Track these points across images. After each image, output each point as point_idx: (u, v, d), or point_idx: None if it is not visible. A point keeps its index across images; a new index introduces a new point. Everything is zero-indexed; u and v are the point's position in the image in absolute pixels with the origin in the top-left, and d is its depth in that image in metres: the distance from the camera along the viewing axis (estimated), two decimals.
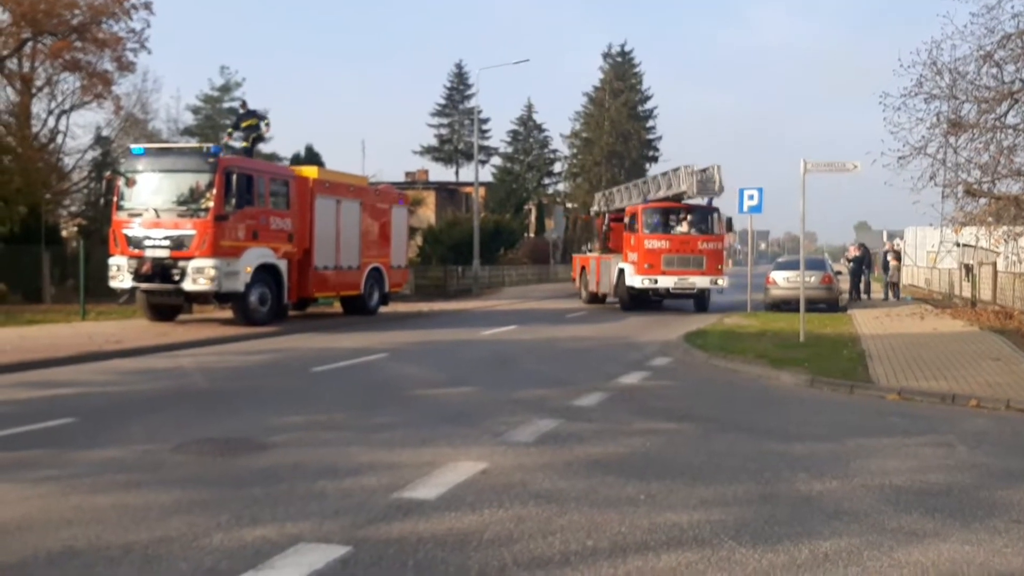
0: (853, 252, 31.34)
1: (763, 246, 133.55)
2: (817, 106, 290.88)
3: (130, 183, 18.02)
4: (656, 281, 24.90)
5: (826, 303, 24.89)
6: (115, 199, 18.56)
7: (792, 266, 25.11)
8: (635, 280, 25.09)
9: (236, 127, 21.27)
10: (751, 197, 24.12)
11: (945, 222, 20.55)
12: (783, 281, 25.15)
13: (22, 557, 4.60)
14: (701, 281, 25.14)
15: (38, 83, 36.34)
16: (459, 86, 64.31)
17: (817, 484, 6.26)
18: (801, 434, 8.21)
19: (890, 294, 30.89)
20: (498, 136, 68.20)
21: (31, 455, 6.96)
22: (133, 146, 20.35)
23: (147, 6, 32.45)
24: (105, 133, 39.29)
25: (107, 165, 37.77)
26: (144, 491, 5.91)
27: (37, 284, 27.19)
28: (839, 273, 29.21)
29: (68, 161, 38.00)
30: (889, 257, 31.10)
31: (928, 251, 42.97)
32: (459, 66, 64.67)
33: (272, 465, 6.58)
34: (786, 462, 6.94)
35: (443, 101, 63.24)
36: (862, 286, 30.46)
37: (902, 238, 50.25)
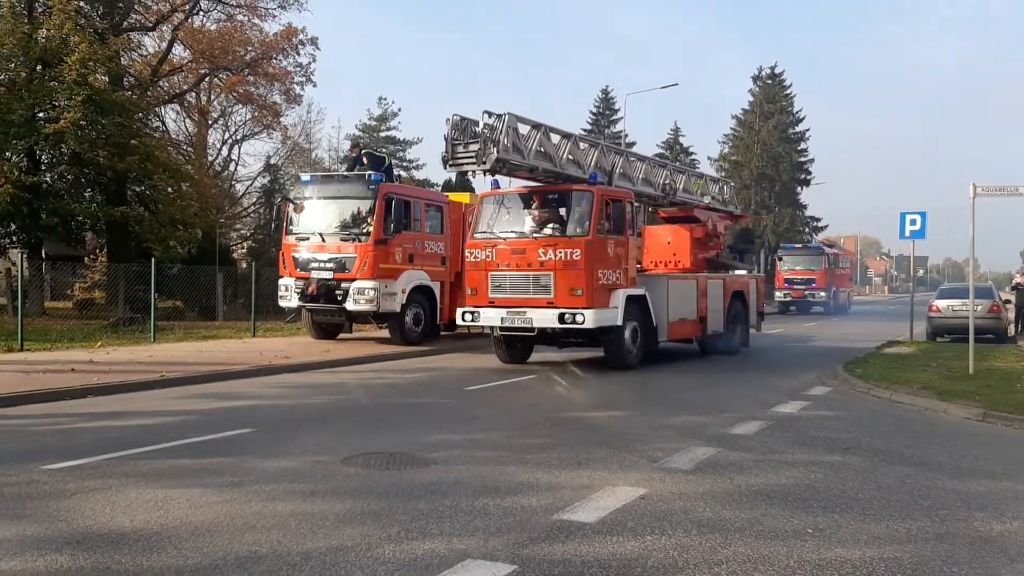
0: (1020, 278, 28.72)
1: (920, 272, 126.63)
2: (972, 128, 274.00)
3: (298, 209, 19.06)
4: (475, 316, 15.35)
5: (993, 333, 23.27)
6: (284, 224, 19.69)
7: (957, 294, 23.67)
8: (461, 314, 15.83)
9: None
10: (913, 222, 22.84)
11: None
12: (948, 309, 23.73)
13: (213, 559, 4.93)
14: (542, 316, 14.56)
15: (214, 115, 39.04)
16: (605, 111, 64.35)
17: (997, 524, 5.91)
18: (975, 470, 7.75)
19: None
20: None
21: (215, 463, 7.46)
22: (301, 174, 21.52)
23: (313, 42, 34.30)
24: (273, 161, 41.56)
25: (275, 191, 40.00)
26: (318, 500, 6.23)
27: (211, 302, 29.00)
28: (1008, 302, 26.79)
29: (239, 187, 40.49)
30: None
31: None
32: (605, 91, 64.77)
33: (435, 480, 6.79)
34: (961, 499, 6.58)
35: (589, 126, 63.41)
36: None
37: None
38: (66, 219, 27.65)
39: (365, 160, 20.08)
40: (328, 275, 18.21)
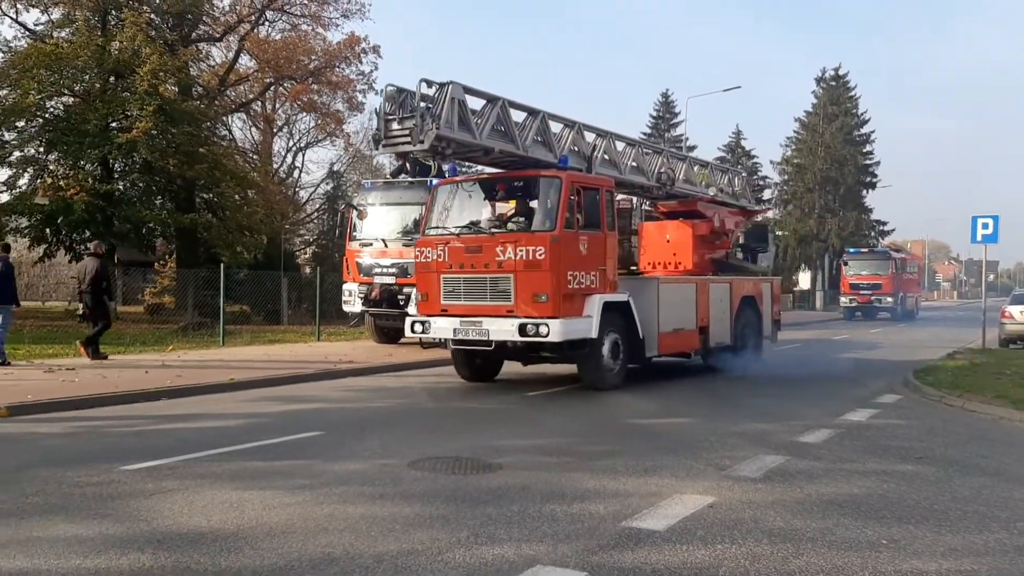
0: None
1: (991, 277, 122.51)
2: None
3: (361, 215, 19.34)
4: (426, 326, 13.02)
5: None
6: (348, 230, 20.02)
7: None
8: (410, 324, 13.36)
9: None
10: (985, 226, 22.18)
11: None
12: (1021, 315, 23.03)
13: (288, 560, 5.04)
14: (500, 327, 12.19)
15: (279, 123, 39.84)
16: (665, 115, 63.93)
17: None
18: None
19: None
20: None
21: (285, 465, 7.61)
22: (364, 180, 21.83)
23: (376, 50, 34.81)
24: (336, 168, 42.24)
25: (337, 197, 40.63)
26: (387, 504, 6.31)
27: (276, 306, 29.56)
28: None
29: (303, 194, 41.21)
30: None
31: None
32: (665, 95, 64.32)
33: (502, 485, 6.83)
34: None
35: (648, 130, 63.05)
36: None
37: None
38: (138, 226, 28.50)
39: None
40: (391, 280, 18.46)
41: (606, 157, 15.16)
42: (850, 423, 10.43)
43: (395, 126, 12.02)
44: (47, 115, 29.65)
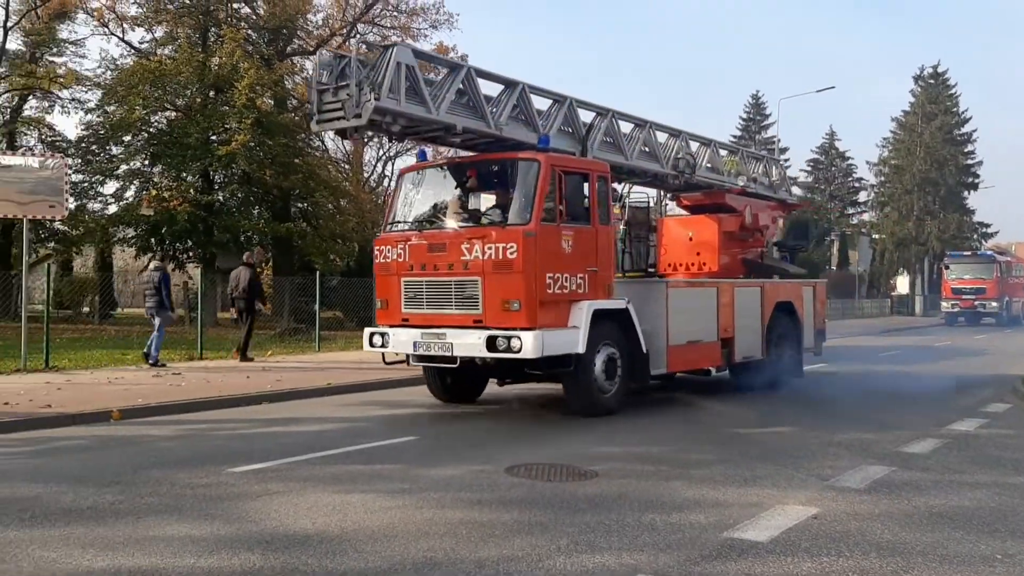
0: None
1: None
2: None
3: None
4: (385, 338, 11.27)
5: None
6: None
7: None
8: (368, 337, 11.63)
9: None
10: None
11: None
12: None
13: (392, 563, 5.13)
14: (465, 341, 10.37)
15: (368, 132, 40.54)
16: (756, 116, 62.88)
17: None
18: None
19: None
20: (797, 166, 65.81)
21: (384, 469, 7.76)
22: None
23: (463, 59, 35.08)
24: None
25: None
26: (486, 509, 6.37)
27: (369, 312, 29.96)
28: None
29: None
30: None
31: None
32: (755, 96, 63.28)
33: (599, 493, 6.81)
34: None
35: (739, 132, 62.05)
36: None
37: None
38: (236, 235, 29.45)
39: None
40: None
41: (607, 140, 12.99)
42: (957, 433, 10.04)
43: (329, 98, 10.20)
44: (151, 129, 30.98)
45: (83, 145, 32.89)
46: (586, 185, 10.94)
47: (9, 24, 33.04)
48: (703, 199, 15.55)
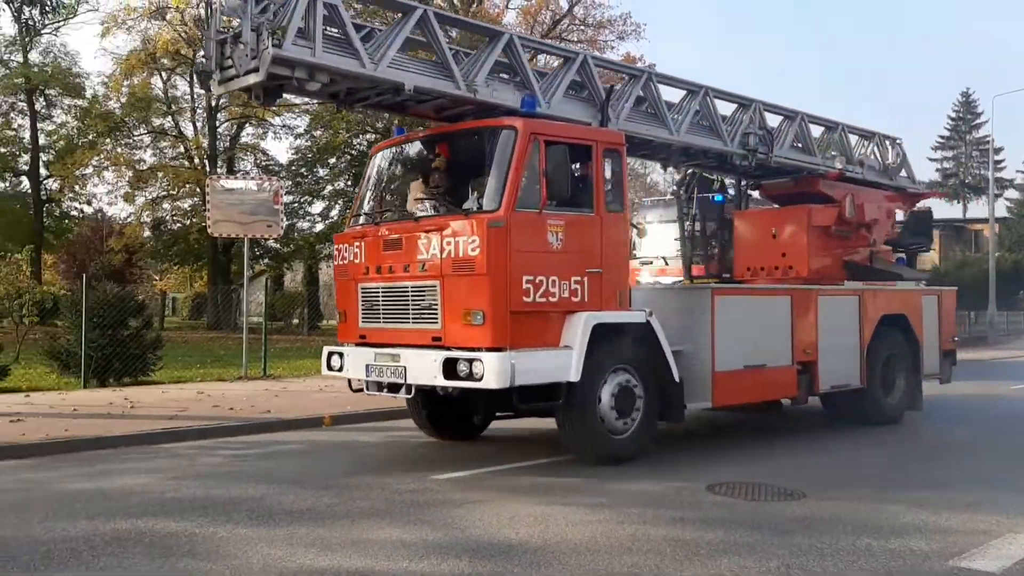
0: None
1: None
2: None
3: (641, 233, 19.38)
4: (342, 359, 9.12)
5: None
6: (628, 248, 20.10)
7: None
8: (326, 357, 9.46)
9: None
10: None
11: None
12: None
13: None
14: (420, 364, 8.12)
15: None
16: (966, 115, 58.74)
17: None
18: None
19: None
20: (1013, 167, 60.81)
21: (583, 482, 7.77)
22: (644, 199, 21.94)
23: (650, 67, 34.89)
24: None
25: None
26: (688, 527, 6.23)
27: None
28: None
29: None
30: None
31: None
32: (966, 94, 59.12)
33: (808, 515, 6.52)
34: None
35: (947, 132, 58.14)
36: None
37: None
38: None
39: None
40: None
41: (642, 106, 10.26)
42: None
43: (227, 51, 8.00)
44: (354, 151, 32.75)
45: (293, 168, 35.26)
46: (586, 159, 8.53)
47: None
48: (792, 187, 12.60)
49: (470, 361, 7.65)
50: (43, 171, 39.62)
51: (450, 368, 7.76)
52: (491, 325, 7.70)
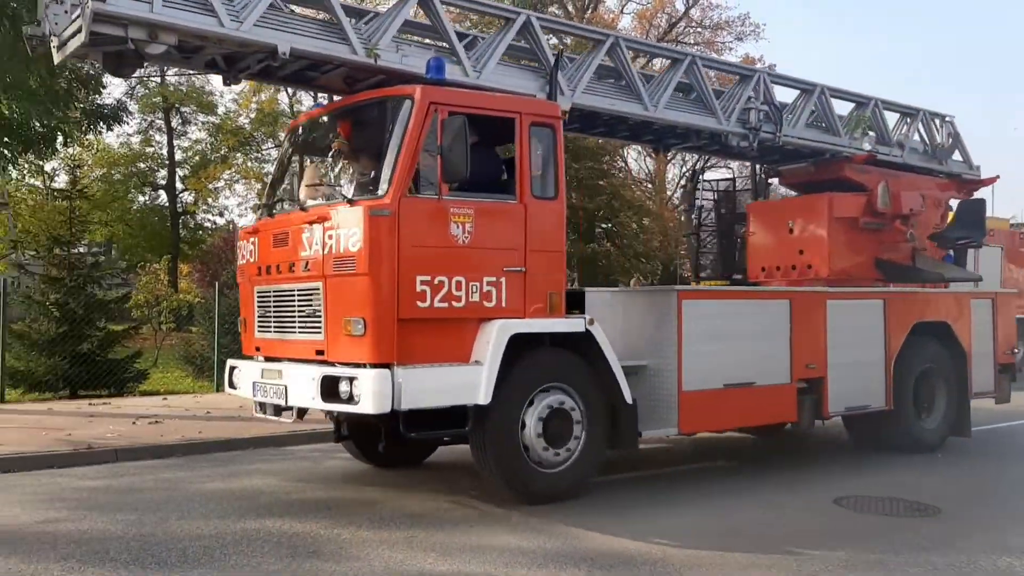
0: None
1: None
2: None
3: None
4: (235, 375, 7.98)
5: None
6: None
7: None
8: (228, 372, 8.29)
9: None
10: None
11: None
12: None
13: None
14: (300, 382, 6.87)
15: (671, 153, 40.62)
16: None
17: None
18: None
19: None
20: None
21: (697, 495, 7.63)
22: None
23: (771, 69, 34.14)
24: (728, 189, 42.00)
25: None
26: (816, 540, 6.01)
27: None
28: None
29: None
30: None
31: None
32: None
33: (943, 532, 6.24)
34: None
35: None
36: None
37: None
38: None
39: None
40: None
41: (618, 82, 8.74)
42: None
43: (54, 10, 6.65)
44: None
45: None
46: (510, 133, 7.13)
47: None
48: (813, 173, 10.78)
49: (350, 379, 6.41)
50: (179, 185, 41.73)
51: (331, 387, 6.51)
52: (372, 335, 6.40)
